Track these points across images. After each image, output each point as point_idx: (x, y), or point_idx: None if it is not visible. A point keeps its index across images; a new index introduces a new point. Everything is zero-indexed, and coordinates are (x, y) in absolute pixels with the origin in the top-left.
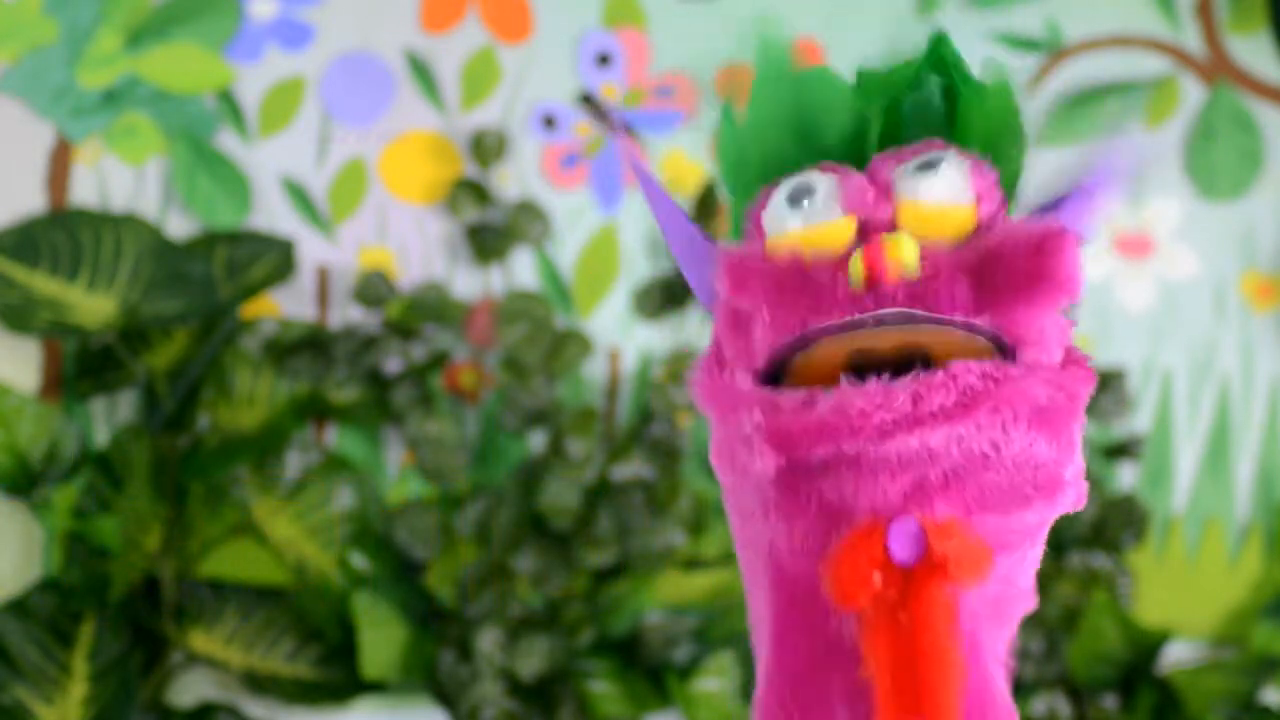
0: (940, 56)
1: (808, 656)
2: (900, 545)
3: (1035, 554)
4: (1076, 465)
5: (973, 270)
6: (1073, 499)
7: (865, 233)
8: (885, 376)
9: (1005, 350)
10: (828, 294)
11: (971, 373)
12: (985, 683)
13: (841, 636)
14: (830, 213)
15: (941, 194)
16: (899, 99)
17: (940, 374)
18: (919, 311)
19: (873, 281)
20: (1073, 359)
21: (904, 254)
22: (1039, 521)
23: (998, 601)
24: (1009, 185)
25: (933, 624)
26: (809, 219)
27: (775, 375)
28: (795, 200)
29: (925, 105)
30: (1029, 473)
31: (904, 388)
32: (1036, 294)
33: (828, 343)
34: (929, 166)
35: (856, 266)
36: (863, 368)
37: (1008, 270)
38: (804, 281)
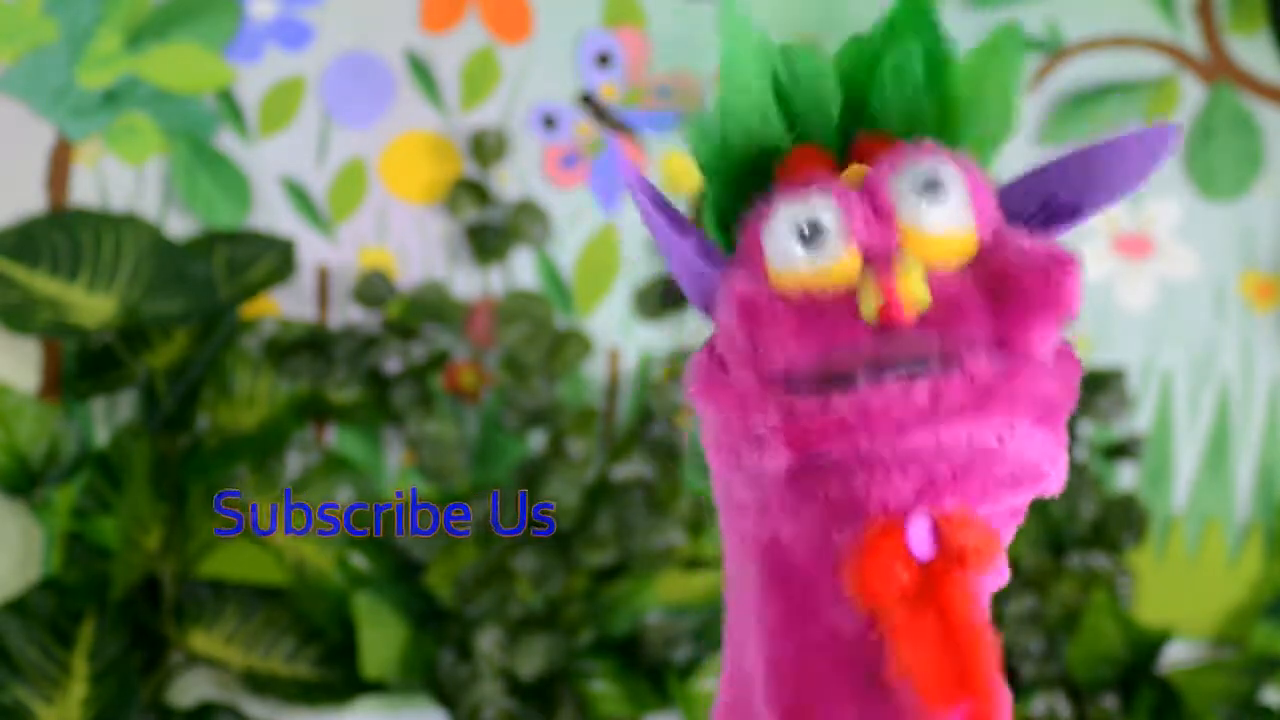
0: (916, 20)
1: (808, 650)
2: (915, 540)
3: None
4: (1063, 450)
5: (986, 294)
6: (1057, 483)
7: (870, 258)
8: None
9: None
10: (845, 333)
11: (988, 370)
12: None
13: (843, 629)
14: (838, 249)
15: (946, 221)
16: (875, 64)
17: (958, 372)
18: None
19: (888, 320)
20: (1059, 351)
21: (915, 288)
22: (1024, 503)
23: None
24: (993, 143)
25: (965, 611)
26: (817, 258)
27: None
28: (805, 238)
29: (903, 71)
30: (1026, 463)
31: (922, 386)
32: (1047, 317)
33: None
34: (933, 190)
35: (869, 303)
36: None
37: (1019, 294)
38: (819, 320)
